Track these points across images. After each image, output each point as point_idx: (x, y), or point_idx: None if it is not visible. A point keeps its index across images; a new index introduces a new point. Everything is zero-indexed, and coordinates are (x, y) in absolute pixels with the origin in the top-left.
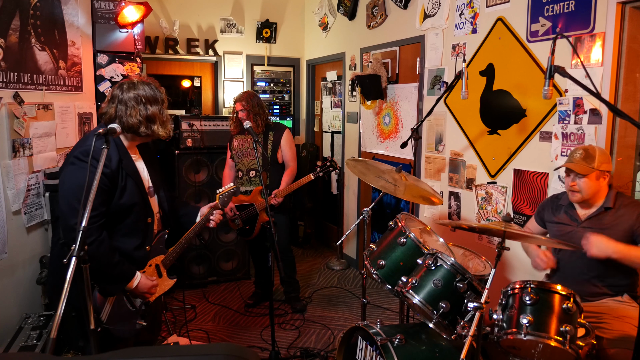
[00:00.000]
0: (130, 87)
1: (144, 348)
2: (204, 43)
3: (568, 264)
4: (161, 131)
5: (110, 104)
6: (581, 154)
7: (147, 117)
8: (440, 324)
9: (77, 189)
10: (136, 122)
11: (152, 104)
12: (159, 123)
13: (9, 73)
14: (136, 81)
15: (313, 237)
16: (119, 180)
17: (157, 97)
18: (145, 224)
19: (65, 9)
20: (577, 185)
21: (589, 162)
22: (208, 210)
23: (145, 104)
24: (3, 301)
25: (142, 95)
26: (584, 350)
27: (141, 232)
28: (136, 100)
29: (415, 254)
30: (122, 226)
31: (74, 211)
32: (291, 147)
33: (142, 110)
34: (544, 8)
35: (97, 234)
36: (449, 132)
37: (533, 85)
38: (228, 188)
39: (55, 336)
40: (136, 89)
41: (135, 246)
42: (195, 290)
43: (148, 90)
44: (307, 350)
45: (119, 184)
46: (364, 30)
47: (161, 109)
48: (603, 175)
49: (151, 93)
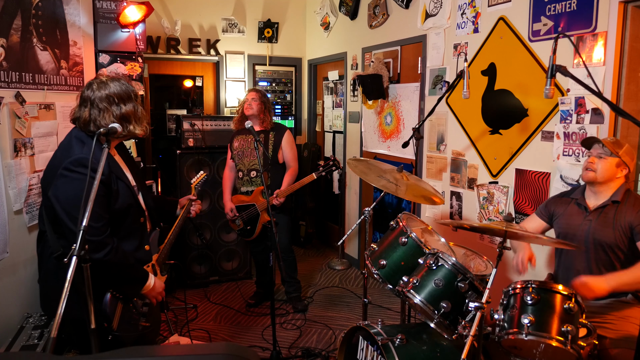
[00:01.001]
0: (100, 86)
1: (144, 347)
2: (205, 43)
3: (571, 264)
4: (137, 130)
5: (82, 107)
6: (612, 139)
7: (122, 117)
8: (441, 323)
9: (75, 200)
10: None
11: (126, 102)
12: (134, 121)
13: (10, 73)
14: (105, 79)
15: (314, 236)
16: (111, 184)
17: (129, 93)
18: (140, 223)
19: (66, 8)
20: (595, 164)
21: (617, 147)
22: (187, 201)
23: (119, 103)
24: (4, 300)
25: (114, 94)
26: (586, 350)
27: (138, 233)
28: (108, 100)
29: (417, 254)
30: (120, 230)
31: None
32: (292, 148)
33: (116, 110)
34: (546, 7)
35: (112, 241)
36: (451, 131)
37: (535, 85)
38: (200, 176)
39: (56, 335)
40: (107, 88)
41: (135, 247)
42: (197, 290)
43: (119, 87)
44: (308, 350)
45: (112, 188)
46: (366, 29)
47: (135, 106)
48: (622, 167)
49: (123, 89)
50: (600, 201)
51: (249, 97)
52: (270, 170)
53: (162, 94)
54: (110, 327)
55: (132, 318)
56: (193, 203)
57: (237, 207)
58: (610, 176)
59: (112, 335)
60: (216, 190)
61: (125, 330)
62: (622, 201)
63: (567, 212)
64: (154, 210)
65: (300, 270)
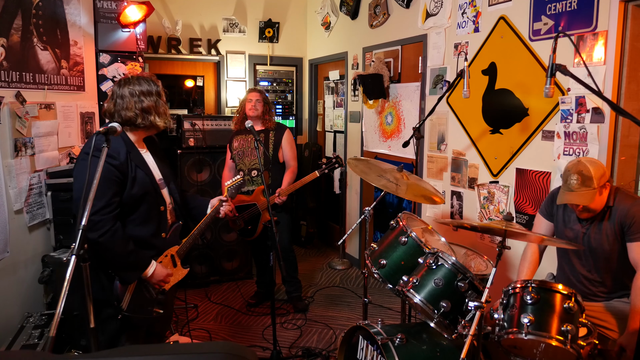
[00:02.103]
0: (125, 83)
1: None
2: (206, 43)
3: (573, 265)
4: (159, 121)
5: (110, 100)
6: (577, 180)
7: (143, 109)
8: (441, 323)
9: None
10: (132, 114)
11: (147, 96)
12: (155, 114)
13: (11, 72)
14: (131, 77)
15: (315, 236)
16: (128, 171)
17: (151, 90)
18: (159, 211)
19: (67, 8)
20: (582, 209)
21: (589, 184)
22: (218, 202)
23: (140, 96)
24: (5, 300)
25: (137, 90)
26: (586, 350)
27: (155, 219)
28: (131, 94)
29: (417, 253)
30: (136, 215)
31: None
32: (292, 147)
33: (138, 103)
34: (546, 6)
35: (111, 224)
36: (451, 131)
37: (535, 84)
38: (236, 180)
39: (55, 334)
40: (131, 84)
41: (151, 233)
42: (198, 289)
43: (143, 83)
44: (308, 350)
45: (129, 175)
46: (367, 29)
47: (157, 100)
48: (604, 187)
49: (146, 86)
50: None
51: (253, 98)
52: (270, 170)
53: None
54: (120, 307)
55: (146, 302)
56: (224, 204)
57: (238, 207)
58: (601, 202)
59: (122, 315)
60: (216, 190)
61: (136, 312)
62: (615, 203)
63: (567, 217)
64: (179, 205)
65: (301, 269)
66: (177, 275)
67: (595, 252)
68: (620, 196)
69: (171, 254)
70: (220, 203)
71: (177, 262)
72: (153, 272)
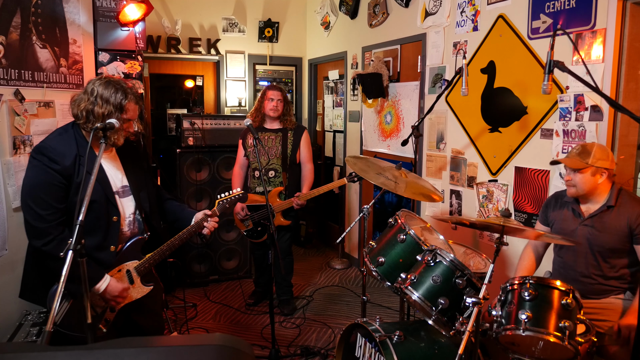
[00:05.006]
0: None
1: (138, 338)
2: (206, 42)
3: (570, 262)
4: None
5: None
6: (577, 150)
7: (89, 111)
8: (439, 320)
9: (29, 188)
10: (77, 112)
11: (103, 103)
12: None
13: (9, 70)
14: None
15: (315, 236)
16: (74, 176)
17: (110, 99)
18: (108, 222)
19: (66, 7)
20: (572, 180)
21: (584, 157)
22: (202, 216)
23: (96, 98)
24: (3, 297)
25: (98, 91)
26: (584, 346)
27: (101, 231)
28: (91, 92)
29: (415, 251)
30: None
31: (27, 208)
32: (309, 148)
33: (89, 104)
34: (545, 5)
35: (56, 232)
36: (450, 130)
37: (534, 83)
38: (233, 194)
39: (52, 329)
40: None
41: (95, 245)
42: (197, 288)
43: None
44: (307, 349)
45: (74, 180)
46: (366, 29)
47: (112, 112)
48: (600, 172)
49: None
50: (594, 208)
51: (275, 97)
52: (288, 170)
53: (163, 94)
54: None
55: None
56: (209, 219)
57: (250, 207)
58: (591, 186)
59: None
60: (216, 189)
61: (70, 329)
62: (617, 204)
63: (562, 217)
64: (150, 216)
65: (300, 269)
66: (134, 293)
67: (594, 250)
68: (624, 197)
69: (127, 269)
70: (205, 218)
71: (136, 279)
72: (107, 288)
